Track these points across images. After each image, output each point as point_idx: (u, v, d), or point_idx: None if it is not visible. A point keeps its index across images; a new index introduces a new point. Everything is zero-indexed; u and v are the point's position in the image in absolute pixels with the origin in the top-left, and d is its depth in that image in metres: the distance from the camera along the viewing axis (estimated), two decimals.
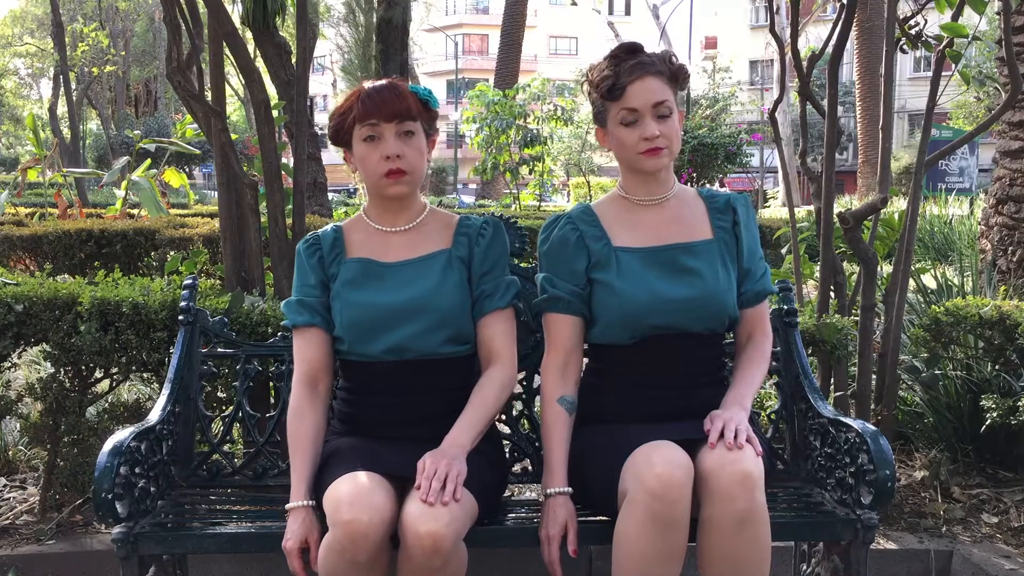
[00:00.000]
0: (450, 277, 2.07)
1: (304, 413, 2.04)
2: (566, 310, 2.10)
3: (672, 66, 2.06)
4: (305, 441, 2.01)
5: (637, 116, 2.02)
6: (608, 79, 2.04)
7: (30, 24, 38.02)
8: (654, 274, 2.05)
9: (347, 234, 2.15)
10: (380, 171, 2.02)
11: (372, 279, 2.07)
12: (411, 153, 2.03)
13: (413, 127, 2.03)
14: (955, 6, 3.04)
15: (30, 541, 2.76)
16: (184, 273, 3.40)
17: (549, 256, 2.14)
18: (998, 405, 2.94)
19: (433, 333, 2.03)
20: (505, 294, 2.10)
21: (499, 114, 14.98)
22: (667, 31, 33.94)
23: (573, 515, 1.97)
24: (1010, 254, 4.85)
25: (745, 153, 17.31)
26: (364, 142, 2.03)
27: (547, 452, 2.06)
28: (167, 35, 3.15)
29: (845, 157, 33.45)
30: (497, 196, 24.35)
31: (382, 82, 2.06)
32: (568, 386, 2.09)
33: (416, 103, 2.04)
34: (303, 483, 1.96)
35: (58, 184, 8.59)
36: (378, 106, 2.00)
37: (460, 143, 35.99)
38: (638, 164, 2.07)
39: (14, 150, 43.93)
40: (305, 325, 2.09)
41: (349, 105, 2.05)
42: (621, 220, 2.13)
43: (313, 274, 2.11)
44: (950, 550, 2.75)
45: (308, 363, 2.08)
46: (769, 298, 2.22)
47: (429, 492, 1.78)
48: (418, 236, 2.12)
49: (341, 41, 11.38)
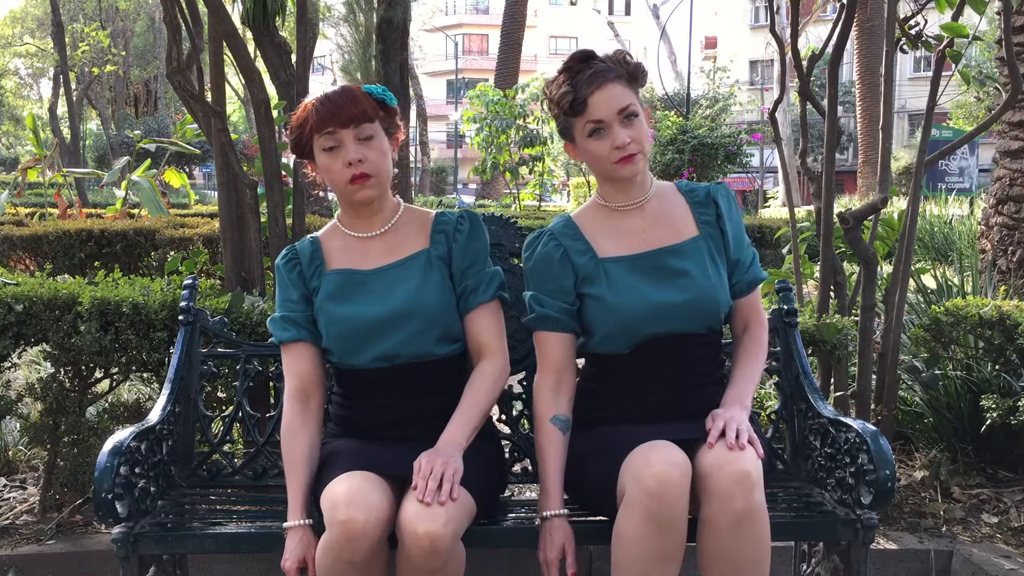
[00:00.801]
0: (432, 278, 2.05)
1: (296, 432, 2.02)
2: (555, 328, 2.07)
3: (628, 66, 2.02)
4: (299, 459, 1.99)
5: (604, 126, 1.98)
6: (568, 94, 1.99)
7: (30, 24, 38.03)
8: (644, 281, 2.03)
9: (324, 244, 2.12)
10: (344, 178, 1.99)
11: (354, 289, 2.05)
12: (373, 156, 1.99)
13: (372, 130, 2.00)
14: (955, 6, 3.04)
15: (30, 541, 2.76)
16: (184, 273, 3.40)
17: (534, 274, 2.11)
18: (998, 405, 2.94)
19: (422, 336, 2.02)
20: (488, 287, 2.08)
21: (499, 114, 14.99)
22: (667, 31, 33.95)
23: (570, 537, 1.96)
24: (1010, 254, 4.85)
25: (745, 153, 17.31)
26: (325, 152, 2.00)
27: (542, 474, 2.04)
28: (167, 35, 3.15)
29: (845, 157, 33.44)
30: (497, 196, 24.37)
31: (334, 88, 2.03)
32: (561, 405, 2.06)
33: (372, 104, 2.01)
34: (299, 502, 1.95)
35: (58, 184, 8.59)
36: (333, 113, 1.97)
37: (460, 143, 36.01)
38: (614, 174, 2.03)
39: (14, 150, 43.94)
40: (292, 341, 2.06)
41: (304, 116, 2.02)
42: (604, 229, 2.09)
43: (295, 289, 2.09)
44: (950, 550, 2.75)
45: (298, 378, 2.06)
46: (762, 283, 2.18)
47: (425, 492, 1.78)
48: (395, 239, 2.10)
49: (341, 41, 11.38)
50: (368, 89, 2.04)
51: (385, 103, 2.04)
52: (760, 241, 7.06)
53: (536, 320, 2.09)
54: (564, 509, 1.99)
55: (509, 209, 15.26)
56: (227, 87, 3.62)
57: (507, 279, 2.44)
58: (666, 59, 34.40)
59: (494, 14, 46.18)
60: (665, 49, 35.23)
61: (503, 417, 2.49)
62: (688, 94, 24.33)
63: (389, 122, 2.05)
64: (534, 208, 15.61)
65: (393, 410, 2.05)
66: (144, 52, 37.87)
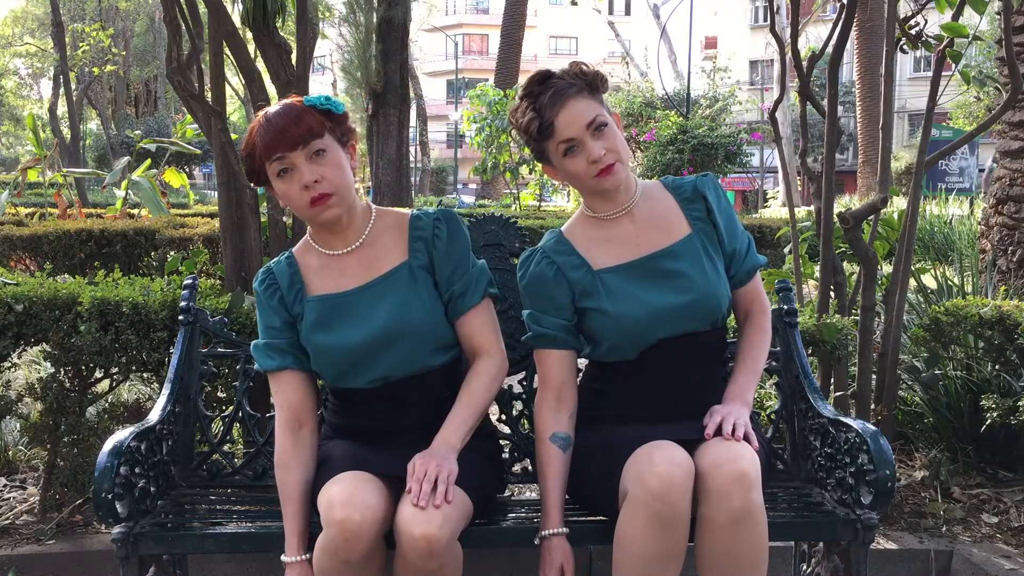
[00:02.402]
0: (416, 291, 1.99)
1: (289, 465, 1.97)
2: (553, 345, 2.06)
3: (587, 77, 1.99)
4: (294, 493, 1.95)
5: (575, 143, 1.96)
6: (534, 120, 1.97)
7: (30, 24, 38.04)
8: (643, 288, 2.01)
9: (301, 263, 2.04)
10: (304, 202, 1.91)
11: (338, 314, 1.98)
12: (329, 171, 1.90)
13: (322, 144, 1.91)
14: (955, 6, 3.03)
15: (30, 541, 2.76)
16: (184, 273, 3.40)
17: (529, 293, 2.09)
18: (998, 405, 2.94)
19: (414, 353, 1.98)
20: (476, 289, 2.02)
21: (499, 114, 14.98)
22: (667, 31, 33.95)
23: (569, 556, 1.95)
24: (1010, 254, 4.85)
25: (745, 153, 17.31)
26: (279, 178, 1.91)
27: (542, 492, 2.02)
28: (167, 35, 3.16)
29: (845, 157, 33.44)
30: (497, 196, 24.36)
31: (276, 108, 1.94)
32: (561, 422, 2.03)
33: (317, 119, 1.91)
34: (296, 536, 1.92)
35: (58, 184, 8.59)
36: (278, 137, 1.88)
37: (460, 143, 36.01)
38: (597, 187, 2.01)
39: (14, 150, 43.96)
40: (278, 369, 2.01)
41: (251, 144, 1.93)
42: (596, 240, 2.08)
43: (277, 316, 2.01)
44: (950, 550, 2.75)
45: (288, 408, 2.00)
46: (760, 268, 2.16)
47: (420, 495, 1.77)
48: (373, 252, 2.02)
49: (341, 41, 11.37)
50: (311, 102, 1.94)
51: (331, 112, 1.95)
52: (760, 241, 7.06)
53: (535, 339, 2.08)
54: (564, 528, 1.97)
55: (509, 209, 15.25)
56: (227, 87, 3.61)
57: (506, 279, 2.45)
58: (666, 59, 34.39)
59: (494, 14, 46.17)
60: (665, 49, 35.22)
61: (503, 417, 2.49)
62: (688, 94, 24.31)
63: (340, 131, 1.96)
64: (534, 208, 15.59)
65: (389, 418, 2.03)
66: (144, 52, 37.87)
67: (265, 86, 3.20)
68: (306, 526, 1.93)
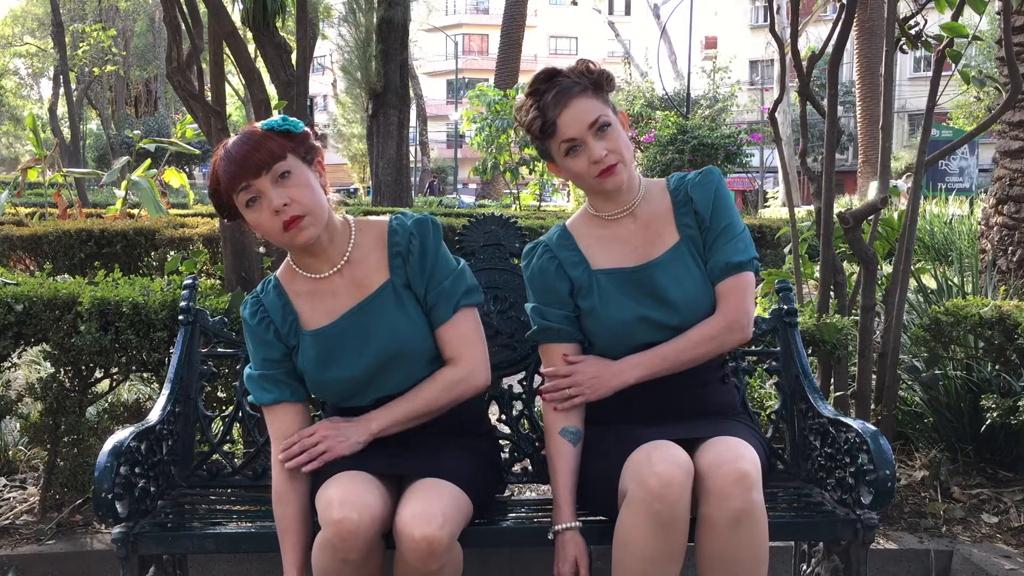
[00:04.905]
0: (404, 311, 1.98)
1: (287, 500, 1.94)
2: (558, 339, 2.07)
3: (593, 75, 1.98)
4: (292, 525, 1.93)
5: (578, 143, 1.96)
6: (537, 119, 1.97)
7: (30, 24, 38.04)
8: (634, 296, 2.02)
9: (289, 291, 2.01)
10: (277, 227, 1.88)
11: (334, 345, 1.97)
12: (297, 192, 1.87)
13: (286, 166, 1.87)
14: (955, 6, 3.03)
15: (30, 541, 2.76)
16: (184, 273, 3.40)
17: (533, 285, 2.10)
18: (998, 405, 2.94)
19: (410, 371, 1.98)
20: (448, 304, 1.99)
21: (499, 114, 14.99)
22: (667, 31, 33.96)
23: (583, 550, 1.95)
24: (1010, 254, 4.85)
25: (745, 153, 17.29)
26: (248, 208, 1.89)
27: (553, 487, 2.02)
28: (167, 35, 3.16)
29: (845, 157, 33.44)
30: (497, 196, 24.39)
31: (234, 139, 1.91)
32: (570, 416, 2.03)
33: (277, 142, 1.88)
34: (294, 568, 1.90)
35: (58, 184, 8.58)
36: (240, 167, 1.85)
37: (460, 143, 36.01)
38: (599, 187, 2.01)
39: (14, 150, 43.96)
40: (274, 403, 1.99)
41: (215, 179, 1.90)
42: (597, 239, 2.09)
43: (274, 349, 2.00)
44: (950, 550, 2.75)
45: (284, 441, 1.98)
46: (738, 267, 2.02)
47: (287, 455, 1.91)
48: (357, 270, 2.00)
49: (341, 41, 11.39)
50: (268, 125, 1.91)
51: (291, 132, 1.91)
52: (760, 241, 7.06)
53: (539, 333, 2.09)
54: (577, 522, 1.97)
55: (509, 209, 15.26)
56: (227, 87, 3.61)
57: (507, 280, 2.45)
58: (666, 59, 34.40)
59: (494, 14, 46.19)
60: (665, 49, 35.23)
61: (503, 417, 2.49)
62: (688, 94, 24.32)
63: (303, 150, 1.92)
64: (534, 208, 15.61)
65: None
66: (144, 52, 37.90)
67: (265, 86, 3.20)
68: (305, 558, 1.91)
